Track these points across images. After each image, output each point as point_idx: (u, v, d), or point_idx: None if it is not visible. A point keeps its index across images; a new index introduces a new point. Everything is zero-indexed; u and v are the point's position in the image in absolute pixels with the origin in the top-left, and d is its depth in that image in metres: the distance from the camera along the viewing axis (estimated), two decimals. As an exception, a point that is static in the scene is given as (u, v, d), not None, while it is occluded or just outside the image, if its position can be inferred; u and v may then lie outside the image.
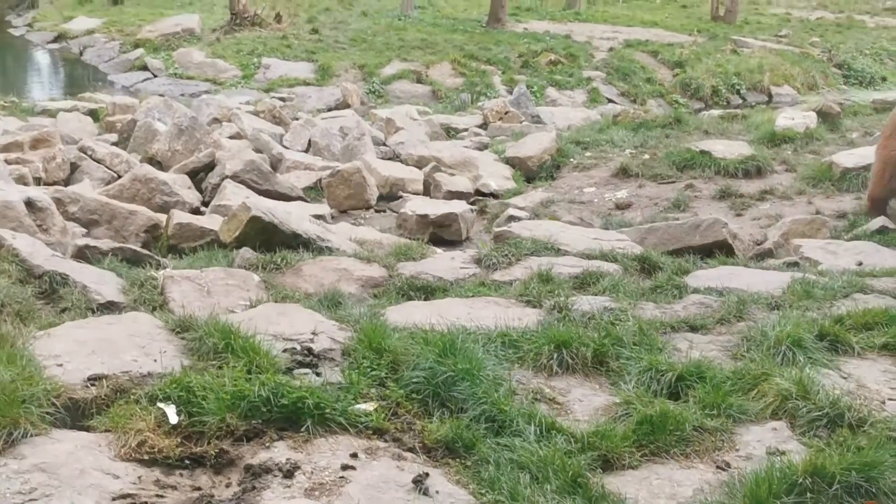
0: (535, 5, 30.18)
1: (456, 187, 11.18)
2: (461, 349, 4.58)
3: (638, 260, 7.03)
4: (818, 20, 30.93)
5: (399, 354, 4.59)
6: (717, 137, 12.57)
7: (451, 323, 5.14)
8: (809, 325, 5.29)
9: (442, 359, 4.45)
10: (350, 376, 4.34)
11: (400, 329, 5.05)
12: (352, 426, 3.99)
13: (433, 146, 13.49)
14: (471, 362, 4.45)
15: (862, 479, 3.77)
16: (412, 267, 6.79)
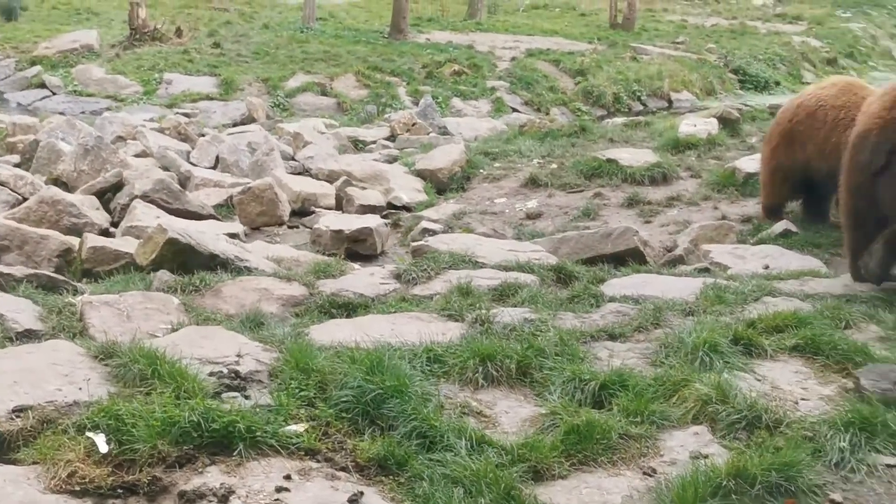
0: (437, 16, 30.34)
1: (368, 201, 11.21)
2: (388, 366, 4.62)
3: (554, 270, 7.15)
4: (713, 27, 31.69)
5: (327, 374, 4.60)
6: (623, 145, 12.80)
7: (376, 340, 5.19)
8: (724, 330, 5.46)
9: (370, 377, 4.48)
10: (279, 398, 4.35)
11: (325, 348, 5.07)
12: (283, 448, 4.00)
13: (343, 160, 13.49)
14: (399, 379, 4.49)
15: (781, 478, 3.92)
16: (332, 284, 6.80)
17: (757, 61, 26.41)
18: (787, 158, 9.38)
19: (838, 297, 6.57)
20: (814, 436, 4.35)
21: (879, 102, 6.89)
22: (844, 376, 5.11)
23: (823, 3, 40.18)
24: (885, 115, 6.71)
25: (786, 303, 6.28)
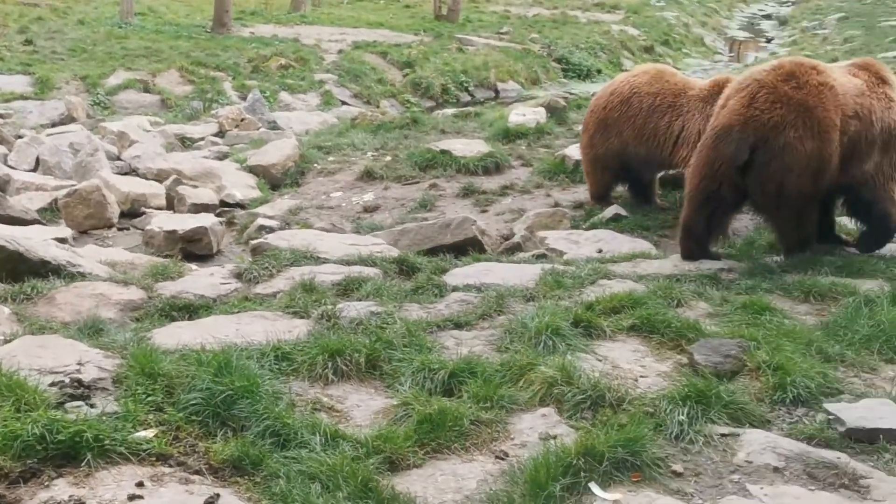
0: (260, 9, 29.92)
1: (201, 200, 11.01)
2: (237, 367, 4.59)
3: (396, 262, 7.20)
4: (535, 17, 32.33)
5: (173, 378, 4.54)
6: (455, 136, 12.95)
7: (222, 341, 5.13)
8: (565, 314, 5.63)
9: (218, 378, 4.45)
10: (126, 405, 4.27)
11: (170, 352, 4.99)
12: (134, 455, 3.93)
13: (172, 158, 13.20)
14: (248, 379, 4.47)
15: (627, 453, 4.09)
16: (171, 286, 6.68)
17: (579, 50, 27.10)
18: (604, 146, 9.67)
19: (669, 276, 6.85)
20: (654, 411, 4.54)
21: (738, 99, 7.19)
22: (679, 352, 5.34)
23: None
24: (745, 112, 7.07)
25: (621, 285, 6.50)
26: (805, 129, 6.93)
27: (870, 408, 4.55)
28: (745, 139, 7.02)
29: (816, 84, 7.08)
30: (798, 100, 6.98)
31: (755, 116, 7.01)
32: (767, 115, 6.98)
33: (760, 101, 7.05)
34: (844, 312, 5.83)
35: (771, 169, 7.00)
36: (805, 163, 6.97)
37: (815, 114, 6.96)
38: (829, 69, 7.37)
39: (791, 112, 6.94)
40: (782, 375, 4.83)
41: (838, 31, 32.24)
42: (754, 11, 47.90)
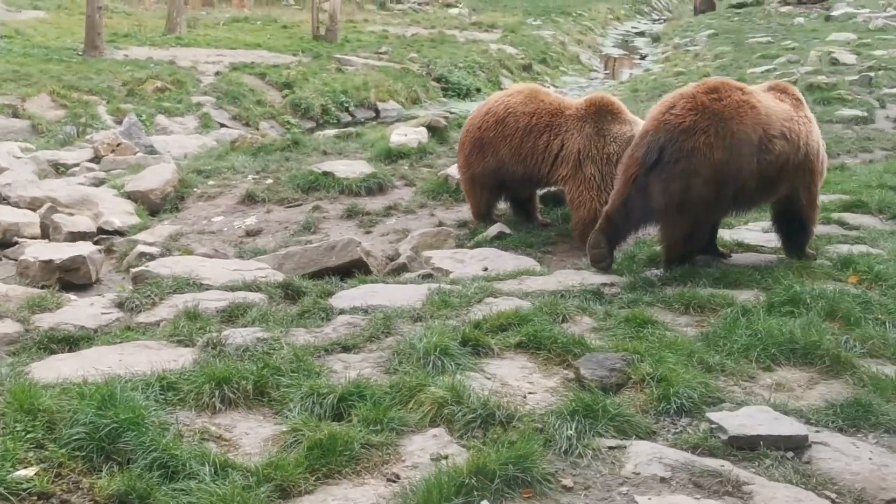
0: (134, 31, 29.36)
1: (77, 228, 10.73)
2: (121, 399, 4.49)
3: (281, 287, 7.14)
4: (414, 36, 32.47)
5: (55, 412, 4.41)
6: (337, 157, 12.91)
7: (105, 372, 5.01)
8: (453, 333, 5.66)
9: (103, 411, 4.34)
10: (4, 443, 4.12)
11: (51, 386, 4.84)
12: (14, 495, 3.82)
13: (46, 185, 12.82)
14: (133, 411, 4.37)
15: (518, 470, 4.13)
16: (50, 318, 6.50)
17: (458, 69, 27.31)
18: (480, 165, 9.77)
19: (553, 293, 6.95)
20: (543, 427, 4.60)
21: (659, 107, 7.50)
22: (566, 367, 5.43)
23: (515, 12, 42.16)
24: (660, 116, 7.34)
25: (507, 302, 6.57)
26: (717, 137, 7.11)
27: (750, 415, 4.70)
28: (656, 140, 7.23)
29: (737, 100, 7.29)
30: (714, 110, 7.18)
31: (668, 120, 7.25)
32: (680, 119, 7.20)
33: (678, 108, 7.30)
34: (723, 323, 6.01)
35: (677, 169, 7.16)
36: (711, 171, 7.14)
37: (730, 126, 7.14)
38: (756, 91, 7.59)
39: (704, 119, 7.15)
40: (666, 387, 4.95)
41: (709, 47, 33.22)
42: (628, 29, 49.08)
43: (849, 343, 5.75)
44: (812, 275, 7.26)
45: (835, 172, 12.50)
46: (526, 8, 44.53)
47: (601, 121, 9.17)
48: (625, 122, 9.23)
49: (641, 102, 20.66)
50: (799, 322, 5.87)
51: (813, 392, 5.20)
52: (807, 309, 6.19)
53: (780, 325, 5.78)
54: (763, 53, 28.48)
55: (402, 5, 40.90)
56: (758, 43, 31.64)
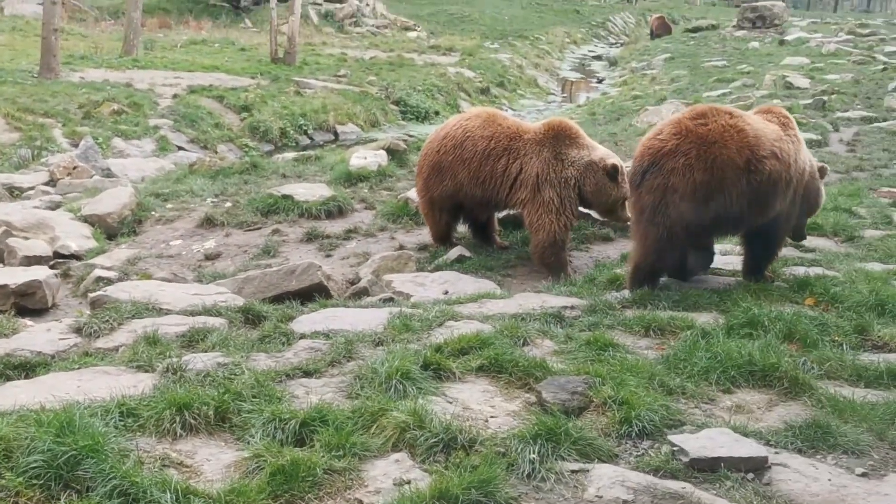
0: (90, 53, 29.13)
1: (33, 252, 10.59)
2: (80, 426, 4.43)
3: (242, 311, 7.10)
4: (372, 59, 32.49)
5: (11, 441, 4.34)
6: (296, 180, 12.88)
7: (63, 399, 4.95)
8: (414, 357, 5.65)
9: (61, 438, 4.29)
10: (-40, 472, 4.07)
11: (7, 413, 4.77)
12: (-30, 525, 3.76)
13: (0, 209, 12.68)
14: (92, 438, 4.32)
15: (481, 494, 4.13)
16: (5, 344, 6.40)
17: (416, 92, 27.36)
18: (439, 188, 9.81)
19: (514, 316, 6.98)
20: (506, 451, 4.60)
21: (648, 134, 7.81)
22: (527, 391, 5.44)
23: (473, 36, 42.37)
24: (647, 142, 7.65)
25: (468, 326, 6.58)
26: (697, 160, 7.33)
27: (710, 437, 4.73)
28: (641, 164, 7.54)
29: (723, 124, 7.47)
30: (698, 133, 7.39)
31: (653, 145, 7.53)
32: (664, 143, 7.46)
33: (664, 133, 7.56)
34: (683, 345, 6.06)
35: (654, 183, 7.42)
36: (691, 189, 7.33)
37: (713, 149, 7.34)
38: (745, 115, 7.77)
39: (687, 143, 7.37)
40: (627, 410, 4.98)
41: (665, 71, 33.60)
42: (585, 52, 49.48)
43: (806, 365, 5.83)
44: (770, 297, 7.35)
45: (790, 195, 12.66)
46: (483, 32, 44.77)
47: (559, 145, 9.25)
48: (582, 146, 9.31)
49: (599, 126, 20.87)
50: (757, 344, 5.93)
51: (772, 414, 5.26)
52: (765, 331, 6.26)
53: (739, 348, 5.84)
54: (719, 77, 28.86)
55: (360, 28, 40.95)
56: (713, 67, 32.06)
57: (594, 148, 9.37)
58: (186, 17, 39.75)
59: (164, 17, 38.80)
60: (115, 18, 37.45)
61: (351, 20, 41.50)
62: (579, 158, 9.20)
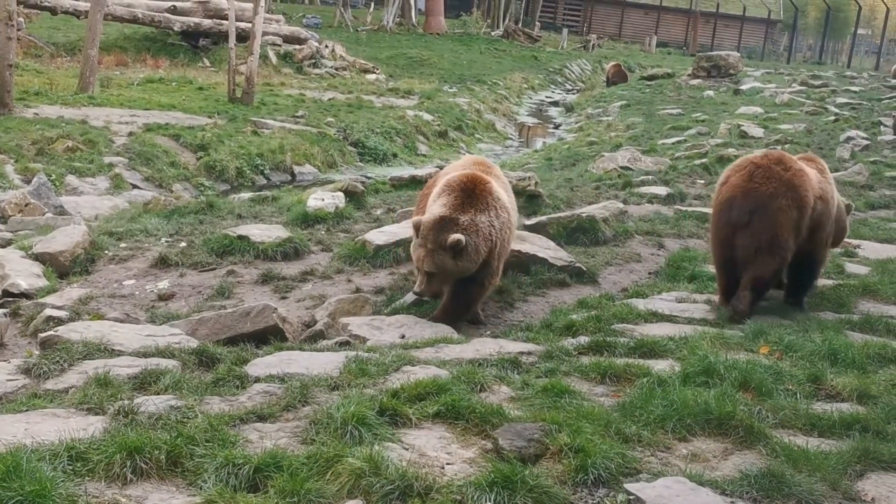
0: (45, 89, 28.89)
1: (-18, 290, 10.44)
2: (26, 470, 4.36)
3: (195, 353, 7.01)
4: (331, 101, 32.47)
5: (-45, 486, 4.25)
6: (252, 221, 12.80)
7: (10, 442, 4.86)
8: (370, 402, 5.61)
9: (7, 483, 4.22)
10: None
11: (-50, 457, 4.67)
12: (-90, 575, 3.65)
13: (-51, 245, 12.50)
14: (39, 483, 4.25)
15: (437, 544, 4.09)
16: (-50, 384, 6.28)
17: (375, 134, 27.37)
18: None
19: (471, 361, 6.95)
20: (462, 499, 4.58)
21: (739, 176, 9.17)
22: (484, 438, 5.41)
23: (431, 80, 42.59)
24: (746, 185, 9.01)
25: (424, 370, 6.55)
26: (790, 200, 8.91)
27: (667, 486, 4.73)
28: (746, 205, 8.93)
29: (797, 169, 9.13)
30: (786, 178, 8.96)
31: (754, 188, 8.95)
32: (764, 187, 8.92)
33: (757, 177, 9.00)
34: (639, 393, 6.06)
35: (765, 224, 8.86)
36: (790, 225, 8.92)
37: (799, 191, 8.98)
38: (798, 160, 9.45)
39: (782, 186, 8.91)
40: (583, 457, 4.96)
41: (621, 118, 33.95)
42: (542, 98, 49.87)
43: (761, 413, 5.85)
44: (725, 345, 7.39)
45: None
46: (442, 75, 44.99)
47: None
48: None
49: (556, 171, 21.03)
50: (713, 392, 5.95)
51: (728, 462, 5.27)
52: (721, 379, 6.29)
53: (695, 396, 5.86)
54: (674, 125, 29.22)
55: (319, 70, 40.99)
56: (669, 114, 32.45)
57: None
58: (144, 55, 39.55)
59: (121, 55, 38.57)
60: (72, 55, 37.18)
61: (310, 61, 41.53)
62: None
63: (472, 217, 8.69)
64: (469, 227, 8.62)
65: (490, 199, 8.89)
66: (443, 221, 8.62)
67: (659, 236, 13.11)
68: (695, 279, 10.68)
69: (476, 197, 8.82)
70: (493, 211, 8.87)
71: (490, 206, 8.86)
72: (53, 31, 43.00)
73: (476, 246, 8.64)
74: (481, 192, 8.87)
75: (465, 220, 8.64)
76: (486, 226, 8.74)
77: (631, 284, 10.89)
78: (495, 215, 8.87)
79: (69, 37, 41.33)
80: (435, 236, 8.58)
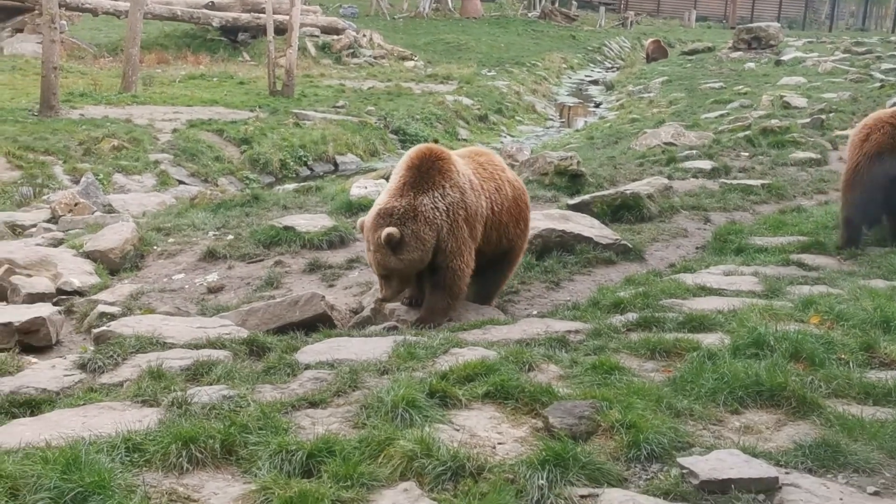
0: (90, 90, 29.23)
1: (36, 289, 10.59)
2: (86, 462, 4.44)
3: (246, 343, 7.09)
4: (370, 89, 32.56)
5: (18, 479, 4.34)
6: (297, 211, 12.89)
7: (69, 436, 4.95)
8: (420, 385, 5.64)
9: (67, 475, 4.29)
10: (-33, 511, 4.06)
11: (13, 451, 4.77)
12: (-22, 564, 3.74)
13: (2, 247, 12.66)
14: (99, 474, 4.32)
15: (491, 522, 4.11)
16: (10, 382, 6.38)
17: (415, 121, 27.42)
18: None
19: (518, 342, 6.97)
20: (514, 477, 4.59)
21: (880, 134, 10.49)
22: (534, 417, 5.42)
23: (469, 64, 42.51)
24: (887, 141, 10.44)
25: (472, 352, 6.57)
26: None
27: (720, 459, 4.71)
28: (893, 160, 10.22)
29: None
30: None
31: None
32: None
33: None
34: (689, 367, 6.04)
35: None
36: None
37: None
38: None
39: None
40: (635, 433, 4.96)
41: (662, 93, 33.68)
42: (582, 77, 49.58)
43: (814, 384, 5.80)
44: (774, 316, 7.33)
45: (792, 214, 12.70)
46: (480, 59, 44.88)
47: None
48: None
49: (598, 149, 20.91)
50: (764, 364, 5.91)
51: (781, 433, 5.23)
52: (771, 351, 6.24)
53: (745, 368, 5.82)
54: (716, 99, 28.94)
55: (358, 59, 41.10)
56: (711, 88, 32.14)
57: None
58: (184, 52, 39.91)
59: (163, 53, 38.95)
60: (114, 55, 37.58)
61: (348, 51, 41.66)
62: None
63: (409, 201, 7.99)
64: (405, 215, 7.94)
65: (438, 178, 8.11)
66: (378, 216, 8.04)
67: (705, 210, 13.03)
68: (742, 252, 10.62)
69: (423, 176, 8.10)
70: (440, 190, 8.07)
71: (437, 185, 8.08)
72: (95, 33, 43.52)
73: (417, 233, 7.94)
74: (429, 170, 8.12)
75: (402, 207, 7.97)
76: (428, 208, 8.01)
77: (678, 259, 10.85)
78: (440, 196, 8.07)
79: (111, 37, 41.79)
80: (373, 235, 8.04)
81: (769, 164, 16.72)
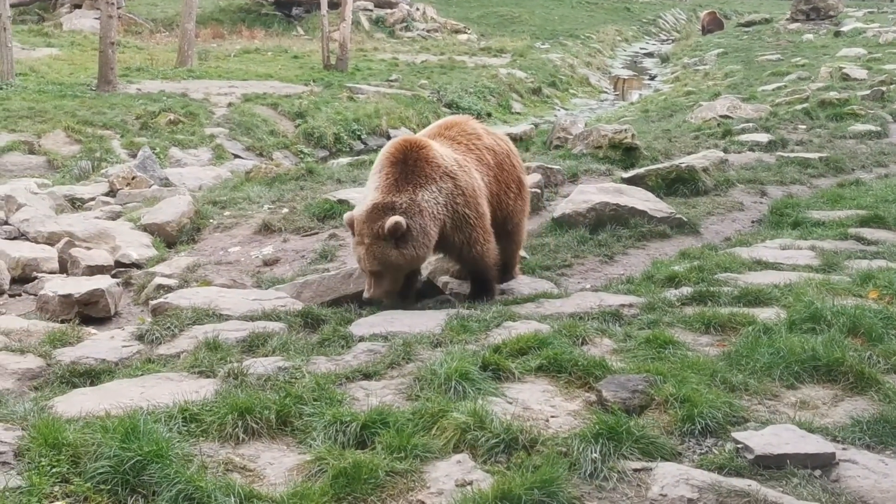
0: (146, 65, 29.54)
1: (95, 261, 10.76)
2: (144, 431, 4.48)
3: (301, 315, 7.15)
4: (423, 63, 32.56)
5: (79, 447, 4.40)
6: (351, 185, 12.93)
7: (127, 405, 5.02)
8: (473, 358, 5.65)
9: (126, 444, 4.34)
10: (30, 478, 4.12)
11: (74, 420, 4.85)
12: (41, 530, 3.82)
13: (63, 220, 12.88)
14: (157, 443, 4.37)
15: (544, 495, 4.11)
16: (71, 352, 6.51)
17: (468, 94, 27.38)
18: None
19: (571, 315, 6.95)
20: (567, 450, 4.58)
21: None
22: (587, 390, 5.41)
23: (523, 37, 42.29)
24: None
25: (525, 326, 6.57)
26: None
27: (775, 434, 4.66)
28: None
29: None
30: None
31: None
32: None
33: None
34: (745, 342, 5.98)
35: None
36: None
37: None
38: None
39: None
40: (689, 407, 4.92)
41: (718, 66, 33.28)
42: (636, 50, 49.14)
43: (872, 359, 5.71)
44: (832, 290, 7.23)
45: (850, 188, 12.50)
46: (534, 32, 44.65)
47: None
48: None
49: (652, 122, 20.72)
50: (821, 339, 5.83)
51: (838, 409, 5.17)
52: (828, 325, 6.15)
53: (802, 343, 5.75)
54: (773, 71, 28.53)
55: (411, 33, 41.08)
56: (767, 61, 31.69)
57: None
58: (239, 27, 40.16)
59: (218, 28, 39.22)
60: (170, 30, 37.95)
61: (401, 25, 41.66)
62: None
63: (410, 196, 7.40)
64: (410, 209, 7.35)
65: (428, 169, 7.54)
66: (374, 210, 7.37)
67: (761, 184, 12.86)
68: (798, 226, 10.48)
69: (412, 169, 7.51)
70: (435, 183, 7.53)
71: (430, 178, 7.52)
72: (152, 8, 43.88)
73: (423, 227, 7.39)
74: (416, 162, 7.53)
75: (403, 202, 7.38)
76: (430, 204, 7.47)
77: (734, 233, 10.73)
78: (437, 189, 7.53)
79: (167, 12, 42.12)
80: (370, 228, 7.35)
81: (827, 137, 16.47)
